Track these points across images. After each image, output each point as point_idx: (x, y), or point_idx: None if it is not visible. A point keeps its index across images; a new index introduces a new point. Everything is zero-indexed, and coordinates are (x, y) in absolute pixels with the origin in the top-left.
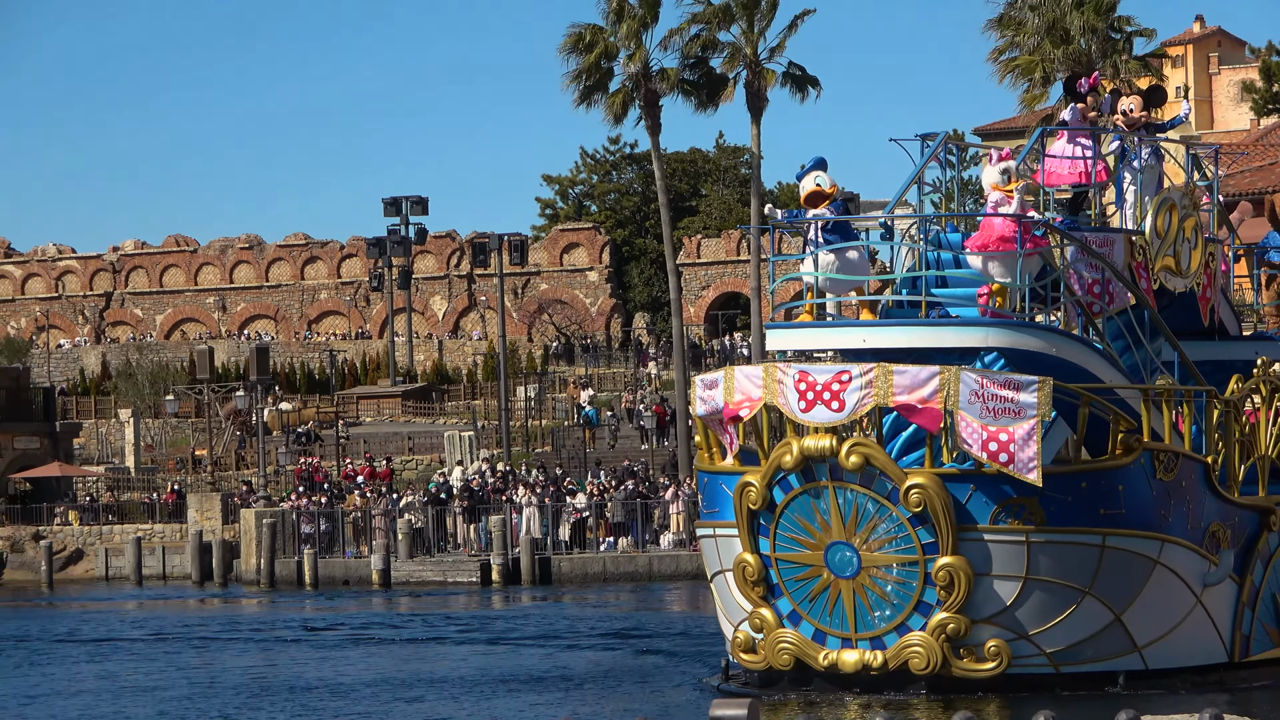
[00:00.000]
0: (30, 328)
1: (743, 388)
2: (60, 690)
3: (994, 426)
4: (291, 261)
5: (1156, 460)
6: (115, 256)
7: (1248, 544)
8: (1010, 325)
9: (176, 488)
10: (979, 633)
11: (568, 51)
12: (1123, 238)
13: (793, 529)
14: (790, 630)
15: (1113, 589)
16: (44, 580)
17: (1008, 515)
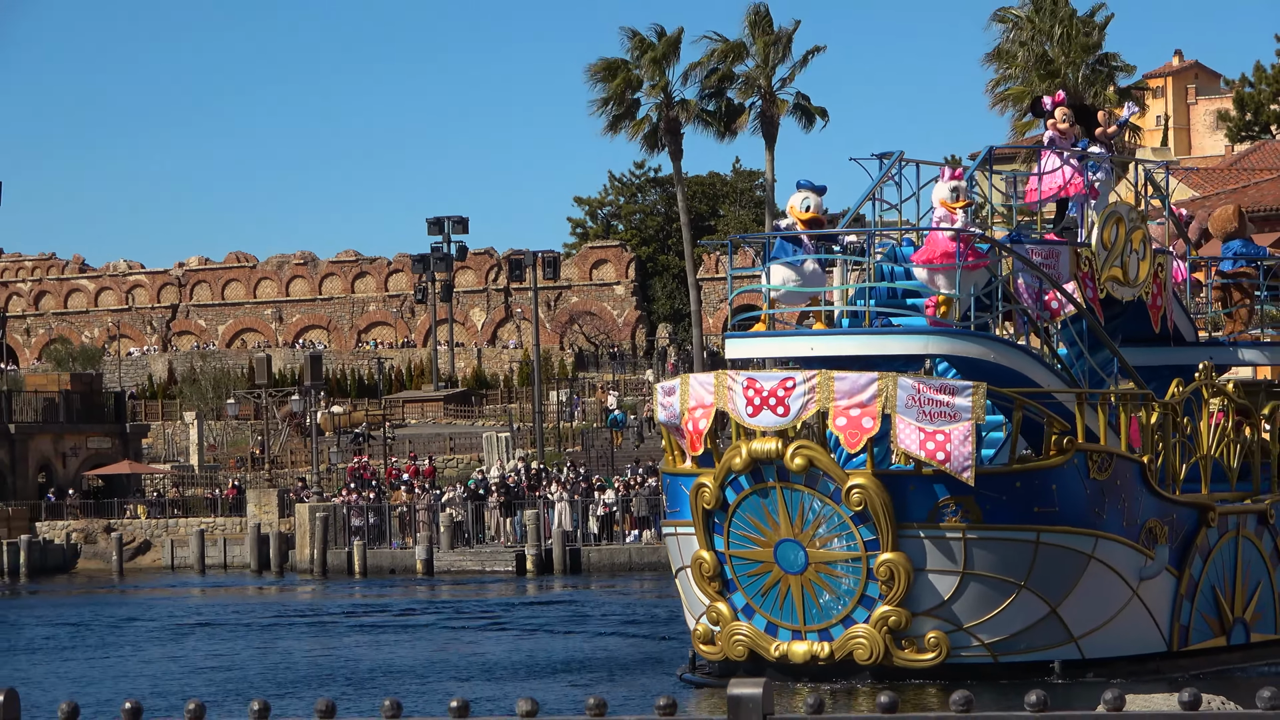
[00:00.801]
0: (102, 337)
1: (697, 394)
2: (130, 672)
3: (931, 428)
4: (343, 276)
5: (1090, 460)
6: (181, 271)
7: (1187, 539)
8: (950, 333)
9: (237, 484)
10: (919, 625)
11: (595, 83)
12: (1069, 249)
13: (744, 527)
14: (744, 623)
15: (1048, 583)
16: (115, 569)
17: (945, 513)
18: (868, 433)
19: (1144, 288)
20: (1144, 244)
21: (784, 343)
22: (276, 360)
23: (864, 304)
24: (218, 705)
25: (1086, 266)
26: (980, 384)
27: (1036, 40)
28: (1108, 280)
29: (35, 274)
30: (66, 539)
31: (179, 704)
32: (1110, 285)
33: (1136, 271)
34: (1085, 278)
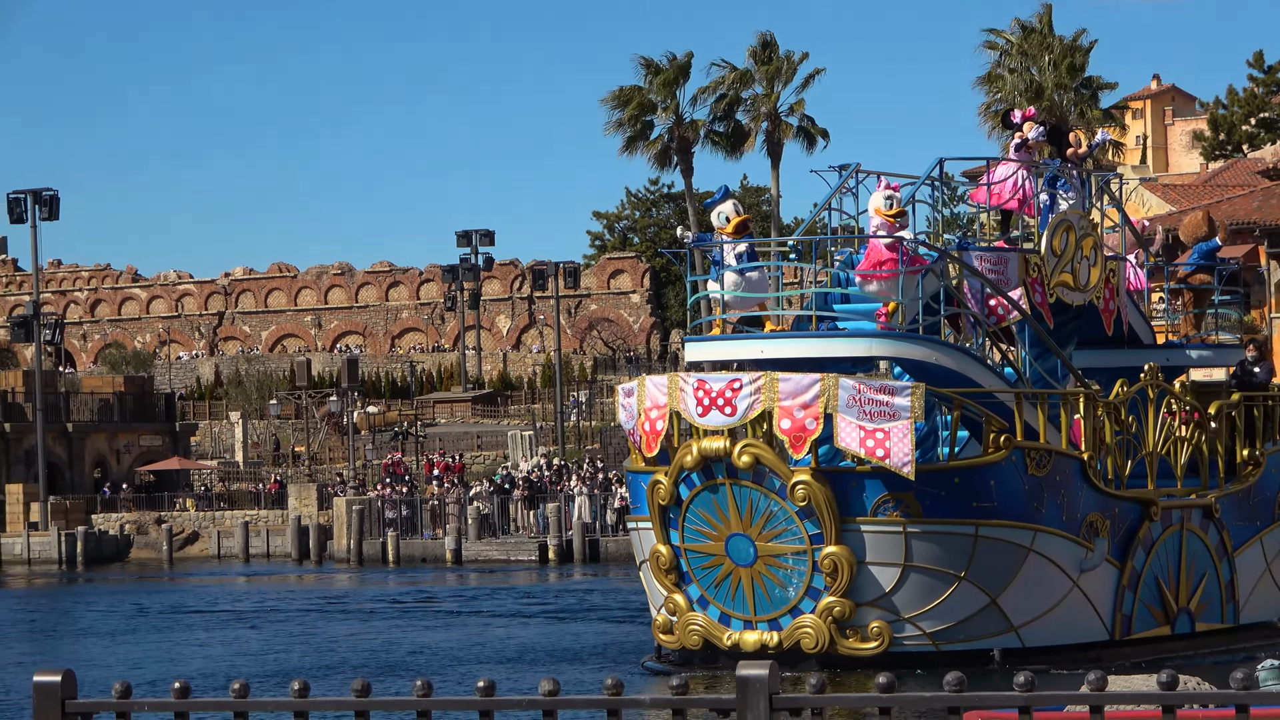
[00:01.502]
0: (154, 342)
1: (653, 396)
2: (180, 655)
3: (871, 426)
4: (377, 285)
5: (1028, 457)
6: (227, 281)
7: (1129, 533)
8: (893, 336)
9: (278, 479)
10: (863, 615)
11: (611, 105)
12: (1017, 256)
13: (697, 522)
14: (699, 614)
15: (987, 574)
16: (165, 558)
17: (886, 508)
18: (811, 434)
19: (1095, 292)
20: (1095, 250)
21: (736, 346)
22: (316, 364)
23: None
24: (261, 685)
25: (1035, 272)
26: (919, 384)
27: (1025, 65)
28: (1057, 285)
29: (91, 283)
30: (120, 530)
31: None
32: (1060, 290)
33: (1087, 277)
34: (1034, 283)
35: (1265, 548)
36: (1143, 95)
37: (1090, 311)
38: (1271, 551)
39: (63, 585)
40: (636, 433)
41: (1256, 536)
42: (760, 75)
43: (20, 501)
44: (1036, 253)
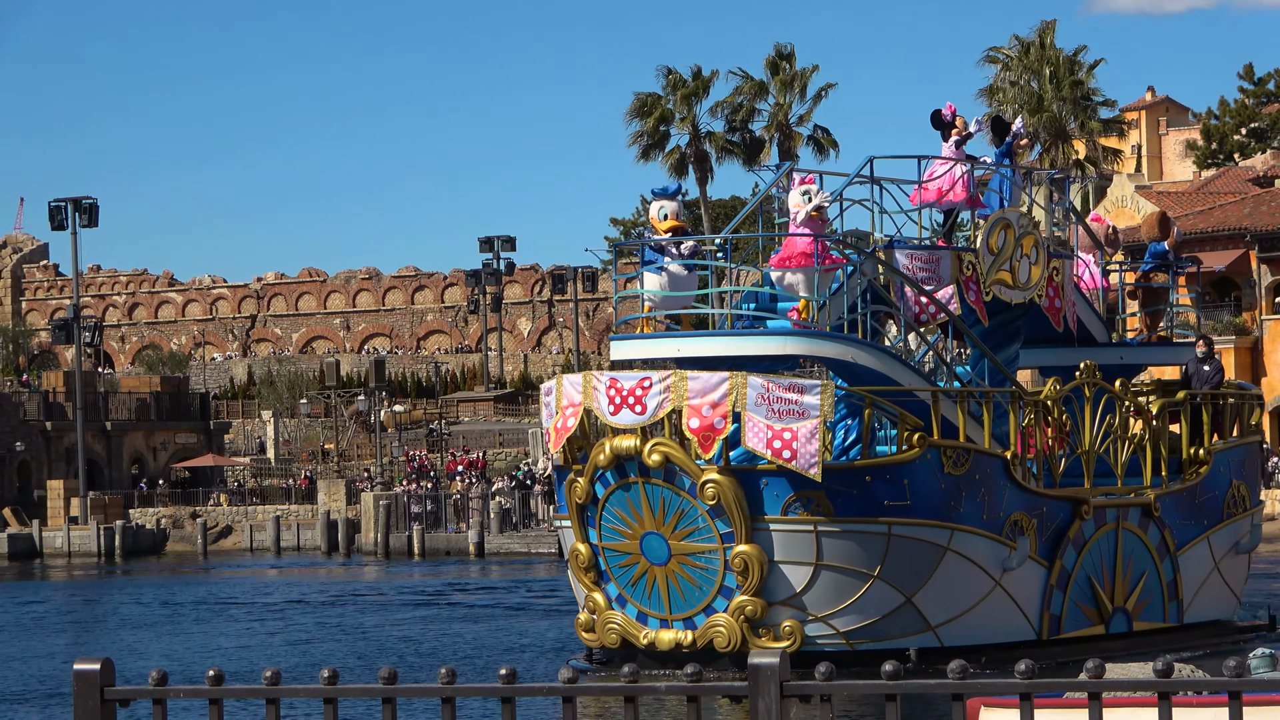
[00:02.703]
0: (189, 344)
1: (569, 394)
2: (215, 644)
3: (779, 426)
4: (404, 289)
5: (944, 456)
6: (259, 285)
7: (1059, 531)
8: (809, 334)
9: (309, 475)
10: (775, 614)
11: (632, 115)
12: (950, 254)
13: (613, 520)
14: (618, 612)
15: (901, 574)
16: (200, 551)
17: (797, 507)
18: (720, 433)
19: (1037, 291)
20: (1036, 249)
21: (655, 345)
22: (344, 364)
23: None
24: (293, 674)
25: (970, 270)
26: (828, 383)
27: (1025, 78)
28: (994, 284)
29: (129, 287)
30: (157, 524)
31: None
32: (997, 289)
33: (1028, 275)
34: (969, 281)
35: (1213, 547)
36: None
37: (1037, 310)
38: (1220, 550)
39: (101, 577)
40: (549, 430)
41: (1203, 535)
42: (775, 86)
43: (61, 497)
44: (972, 251)
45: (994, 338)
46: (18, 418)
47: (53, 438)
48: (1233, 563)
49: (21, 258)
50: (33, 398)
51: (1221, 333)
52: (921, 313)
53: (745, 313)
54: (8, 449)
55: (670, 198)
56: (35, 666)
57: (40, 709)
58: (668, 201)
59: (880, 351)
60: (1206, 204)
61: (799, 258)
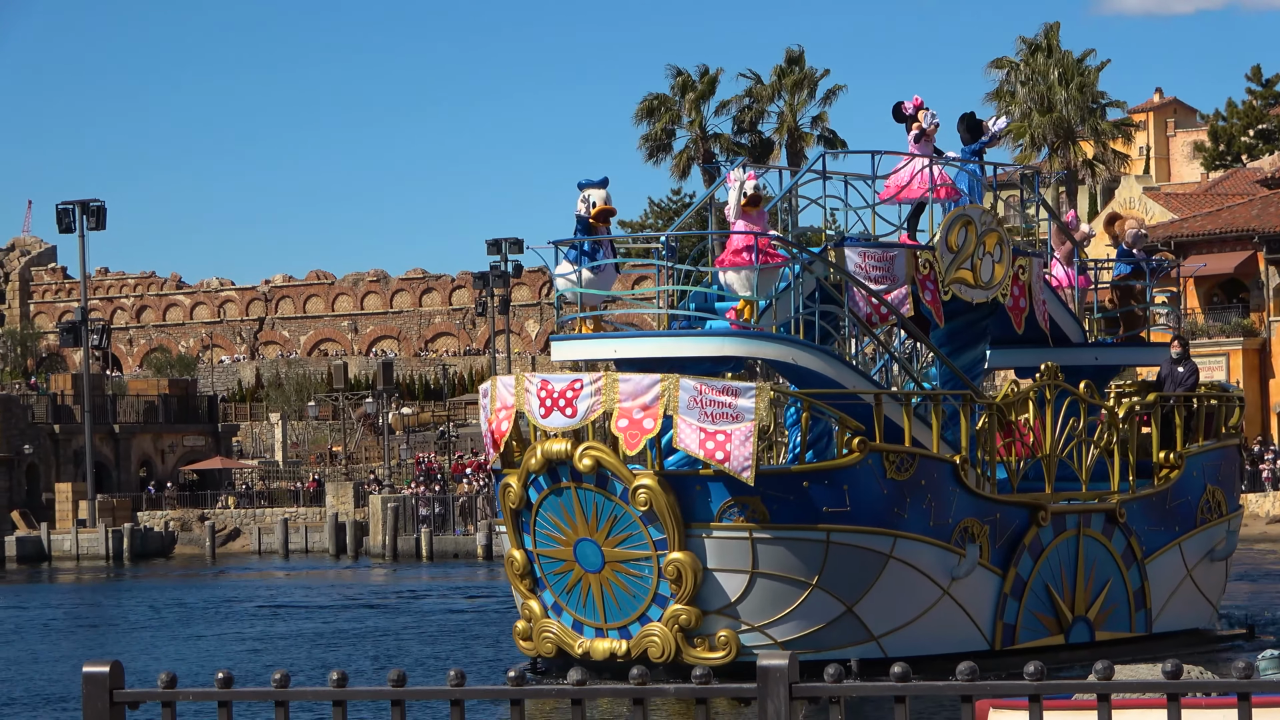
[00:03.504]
0: (197, 347)
1: (502, 397)
2: (223, 647)
3: (712, 428)
4: (411, 291)
5: (886, 461)
6: (267, 288)
7: (1014, 538)
8: (749, 335)
9: (317, 477)
10: (710, 623)
11: (641, 116)
12: (905, 252)
13: (547, 526)
14: (554, 620)
15: (841, 582)
16: (208, 554)
17: (732, 513)
18: (647, 434)
19: (1000, 290)
20: (1000, 246)
21: (592, 345)
22: (352, 367)
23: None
24: (301, 676)
25: (927, 269)
26: (764, 385)
27: (1034, 81)
28: (953, 283)
29: (137, 290)
30: (165, 527)
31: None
32: (957, 288)
33: (991, 274)
34: (925, 280)
35: (1185, 554)
36: (1146, 108)
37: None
38: (1193, 558)
39: (110, 580)
40: (485, 434)
41: (1174, 542)
42: (785, 87)
43: (69, 499)
44: (930, 249)
45: (959, 338)
46: (26, 420)
47: (61, 440)
48: (1207, 570)
49: (29, 260)
50: (41, 400)
51: (1229, 334)
52: (874, 313)
53: (684, 313)
54: (16, 452)
55: (599, 187)
56: (44, 669)
57: (50, 712)
58: (595, 190)
59: (822, 353)
60: (1214, 205)
61: (734, 255)
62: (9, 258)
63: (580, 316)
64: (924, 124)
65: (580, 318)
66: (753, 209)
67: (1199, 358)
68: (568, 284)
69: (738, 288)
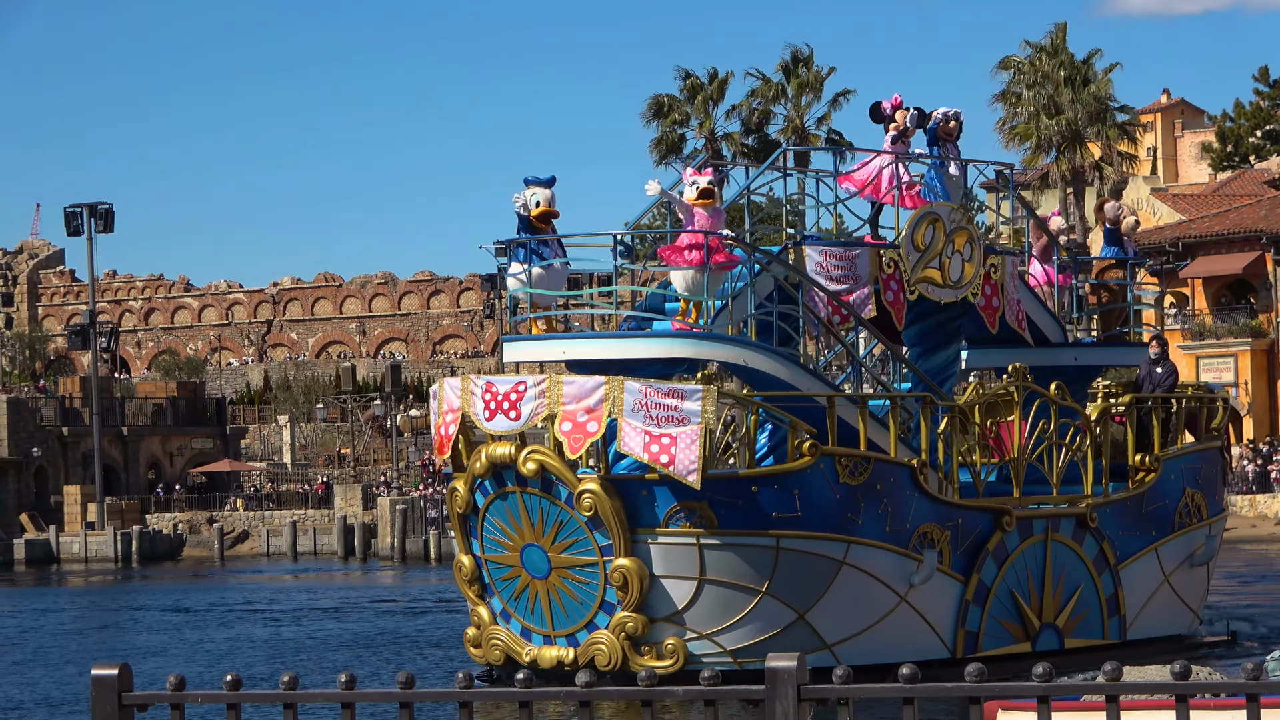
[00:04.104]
0: (205, 349)
1: (448, 399)
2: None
3: (657, 431)
4: (419, 294)
5: (839, 464)
6: (275, 290)
7: (977, 544)
8: (698, 337)
9: (325, 480)
10: (657, 631)
11: (649, 117)
12: (869, 251)
13: (494, 531)
14: (502, 628)
15: (792, 589)
16: (216, 556)
17: (679, 519)
18: (591, 437)
19: (971, 289)
20: (970, 245)
21: (542, 346)
22: (360, 369)
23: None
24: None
25: (891, 268)
26: (710, 388)
27: (1041, 83)
28: (919, 282)
29: (145, 293)
30: (174, 529)
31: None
32: (923, 287)
33: (960, 273)
34: (889, 280)
35: (1162, 559)
36: (1153, 109)
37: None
38: (1171, 563)
39: (119, 583)
40: (433, 436)
41: (1150, 547)
42: (791, 88)
43: (78, 502)
44: (895, 247)
45: (931, 338)
46: (34, 423)
47: (69, 443)
48: (1187, 576)
49: (38, 263)
50: (49, 403)
51: (1238, 335)
52: (835, 313)
53: (634, 314)
54: (25, 454)
55: (545, 185)
56: (53, 672)
57: (58, 715)
58: (540, 189)
59: (774, 354)
60: (1222, 206)
61: (681, 253)
62: (17, 261)
63: (532, 317)
64: (905, 124)
65: (532, 318)
66: (705, 202)
67: (1207, 359)
68: (518, 284)
69: (681, 286)
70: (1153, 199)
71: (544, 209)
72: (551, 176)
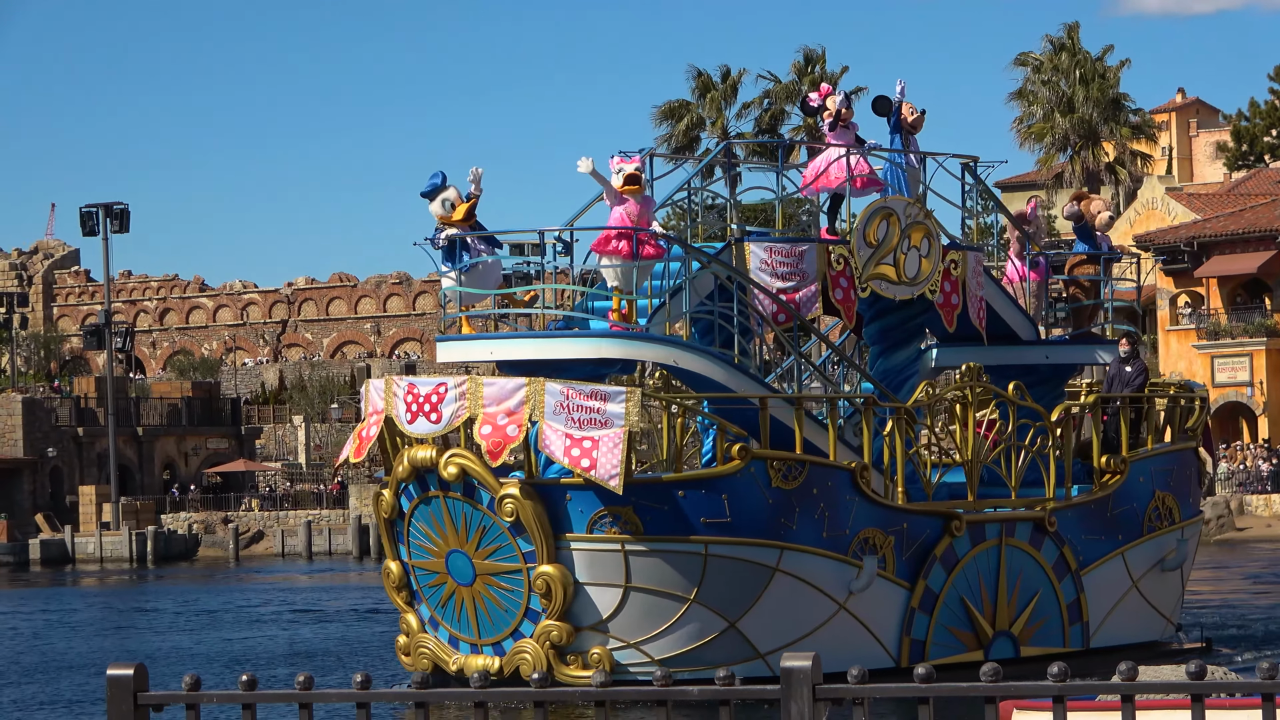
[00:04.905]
0: (220, 349)
1: (373, 401)
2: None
3: (579, 434)
4: (434, 294)
5: (771, 468)
6: (290, 290)
7: (924, 549)
8: (627, 336)
9: (340, 480)
10: (583, 640)
11: (661, 119)
12: (815, 247)
13: (419, 537)
14: (430, 635)
15: (722, 597)
16: (232, 556)
17: (604, 524)
18: (511, 441)
19: (928, 285)
20: (927, 240)
21: (469, 346)
22: (375, 369)
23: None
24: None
25: (841, 264)
26: (635, 390)
27: (1055, 81)
28: (871, 279)
29: (160, 293)
30: (189, 529)
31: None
32: (876, 284)
33: (917, 269)
34: (839, 276)
35: (1130, 564)
36: (1168, 108)
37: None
38: (1139, 568)
39: (134, 583)
40: (353, 438)
41: (1116, 552)
42: (805, 87)
43: (93, 502)
44: (845, 243)
45: (891, 336)
46: (50, 423)
47: (84, 443)
48: (1158, 581)
49: (53, 264)
50: (64, 403)
51: (1253, 334)
52: (780, 311)
53: (573, 314)
54: (40, 455)
55: (444, 188)
56: (68, 673)
57: (74, 715)
58: (447, 191)
59: (705, 354)
60: (1237, 205)
61: (606, 243)
62: (32, 261)
63: (462, 315)
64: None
65: (462, 316)
66: (631, 188)
67: (1222, 358)
68: (451, 283)
69: (611, 279)
70: (1168, 198)
71: (466, 207)
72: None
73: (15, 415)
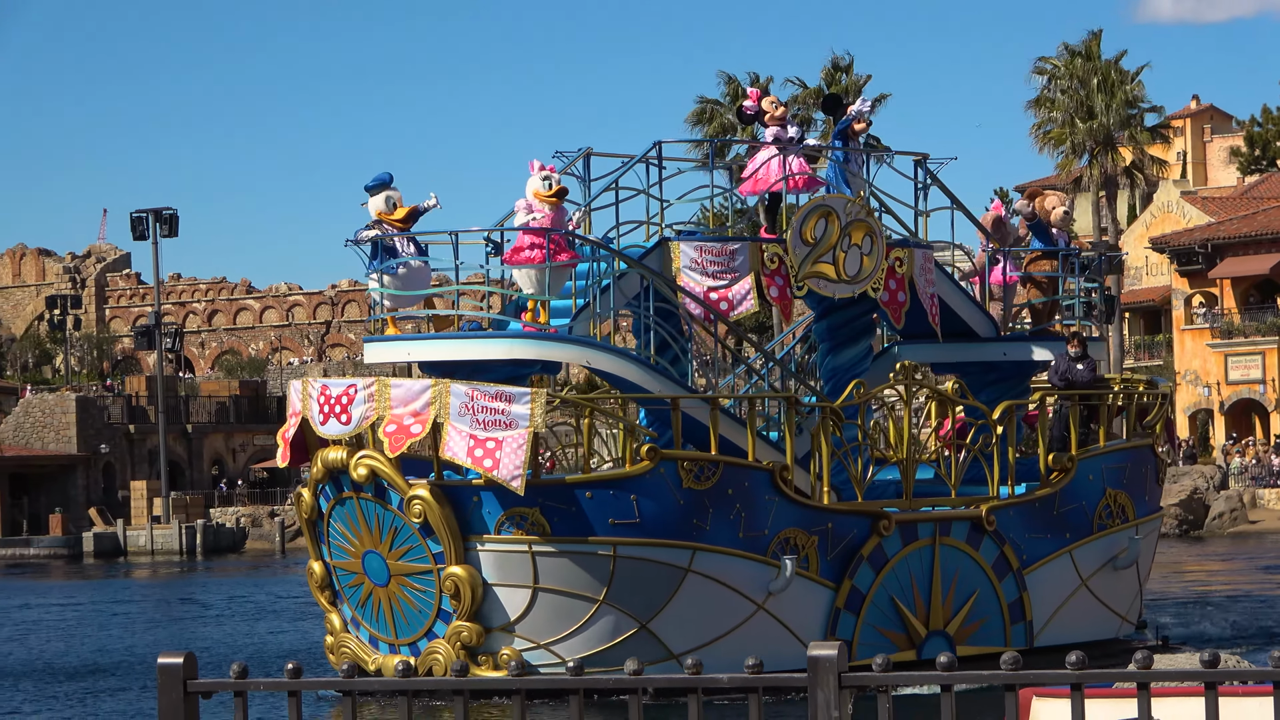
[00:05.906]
0: (266, 349)
1: (293, 402)
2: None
3: (483, 435)
4: (472, 294)
5: (682, 469)
6: (333, 292)
7: (851, 549)
8: (540, 337)
9: None
10: (493, 641)
11: (692, 123)
12: (747, 245)
13: (338, 537)
14: (351, 635)
15: (633, 598)
16: (278, 549)
17: (510, 526)
18: (413, 437)
19: (871, 284)
20: (869, 238)
21: (389, 348)
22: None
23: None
24: None
25: (775, 263)
26: (540, 390)
27: (1074, 88)
28: (808, 278)
29: (209, 295)
30: (236, 523)
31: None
32: (814, 282)
33: (858, 267)
34: (774, 275)
35: (1078, 563)
36: (1182, 114)
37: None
38: (1089, 567)
39: (183, 574)
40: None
41: (1063, 550)
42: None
43: (144, 497)
44: (781, 242)
45: (839, 334)
46: (102, 421)
47: (136, 440)
48: (1110, 579)
49: (105, 267)
50: (117, 401)
51: (1265, 334)
52: (712, 310)
53: (499, 316)
54: (93, 451)
55: (386, 186)
56: (120, 659)
57: (126, 701)
58: (390, 191)
59: (618, 354)
60: (1250, 209)
61: (521, 252)
62: (85, 264)
63: (387, 316)
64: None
65: (389, 317)
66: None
67: (1235, 357)
68: (377, 284)
69: (525, 285)
70: (1182, 202)
71: (407, 210)
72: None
73: (69, 413)
